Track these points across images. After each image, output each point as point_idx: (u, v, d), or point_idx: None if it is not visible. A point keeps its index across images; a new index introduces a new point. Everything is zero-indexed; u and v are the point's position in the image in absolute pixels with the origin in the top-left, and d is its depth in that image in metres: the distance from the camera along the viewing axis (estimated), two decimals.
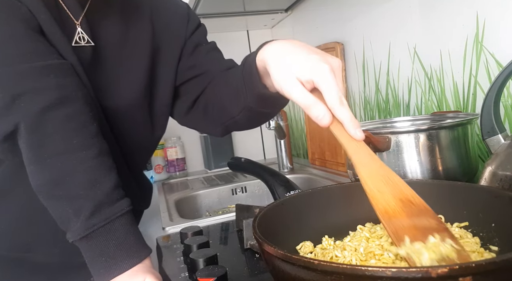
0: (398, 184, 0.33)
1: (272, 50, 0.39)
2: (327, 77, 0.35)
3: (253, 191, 0.99)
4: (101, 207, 0.38)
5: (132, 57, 0.52)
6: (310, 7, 1.04)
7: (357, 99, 0.90)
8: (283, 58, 0.37)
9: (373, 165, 0.34)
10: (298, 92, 0.35)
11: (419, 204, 0.32)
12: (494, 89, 0.44)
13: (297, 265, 0.24)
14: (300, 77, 0.36)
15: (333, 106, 0.35)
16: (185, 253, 0.50)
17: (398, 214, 0.31)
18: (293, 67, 0.36)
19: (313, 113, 0.35)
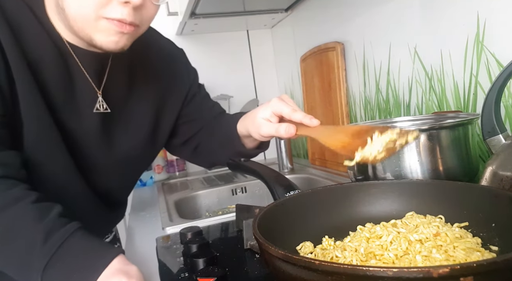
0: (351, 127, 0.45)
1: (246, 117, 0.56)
2: (277, 103, 0.50)
3: (253, 191, 0.99)
4: (51, 233, 0.38)
5: (138, 113, 0.58)
6: (310, 7, 1.04)
7: (357, 99, 0.89)
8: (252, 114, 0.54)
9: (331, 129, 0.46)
10: (266, 127, 0.51)
11: (366, 128, 0.41)
12: (494, 89, 0.44)
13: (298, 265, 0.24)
14: (264, 116, 0.51)
15: (290, 116, 0.48)
16: (185, 253, 0.50)
17: (352, 141, 0.40)
18: (257, 114, 0.52)
19: (281, 132, 0.49)
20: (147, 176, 1.13)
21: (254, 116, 0.53)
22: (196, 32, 1.25)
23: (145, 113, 0.59)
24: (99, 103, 0.52)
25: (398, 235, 0.35)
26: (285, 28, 1.24)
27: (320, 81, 1.00)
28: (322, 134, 0.45)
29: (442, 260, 0.30)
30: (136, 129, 0.58)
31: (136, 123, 0.58)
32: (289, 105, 0.50)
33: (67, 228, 0.39)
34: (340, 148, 0.41)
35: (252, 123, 0.53)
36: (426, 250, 0.32)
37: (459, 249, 0.31)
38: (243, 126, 0.57)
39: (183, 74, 0.65)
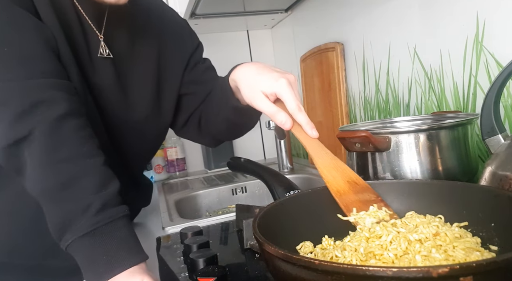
0: (345, 171, 0.43)
1: (241, 72, 0.50)
2: (286, 89, 0.44)
3: (253, 191, 0.99)
4: (107, 206, 0.39)
5: (141, 70, 0.57)
6: (310, 7, 1.04)
7: (357, 99, 0.90)
8: (250, 77, 0.48)
9: (326, 157, 0.44)
10: (263, 104, 0.45)
11: (362, 184, 0.42)
12: (494, 89, 0.44)
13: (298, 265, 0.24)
14: (265, 91, 0.45)
15: (293, 112, 0.44)
16: (185, 253, 0.50)
17: (347, 192, 0.40)
18: (258, 84, 0.46)
19: (277, 119, 0.45)
20: (148, 176, 1.13)
21: (253, 82, 0.47)
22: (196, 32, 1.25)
23: (147, 70, 0.58)
24: (102, 48, 0.52)
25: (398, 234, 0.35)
26: (285, 29, 1.24)
27: (320, 81, 1.00)
28: (316, 152, 0.43)
29: (442, 259, 0.30)
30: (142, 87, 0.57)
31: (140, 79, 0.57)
32: (296, 98, 0.46)
33: (119, 209, 0.40)
34: (334, 191, 0.40)
35: (248, 87, 0.48)
36: (426, 249, 0.32)
37: (458, 249, 0.31)
38: (234, 81, 0.52)
39: (186, 38, 0.64)
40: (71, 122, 0.41)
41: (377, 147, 0.49)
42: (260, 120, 1.39)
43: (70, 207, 0.39)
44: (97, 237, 0.38)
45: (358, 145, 0.50)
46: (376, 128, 0.62)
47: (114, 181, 0.42)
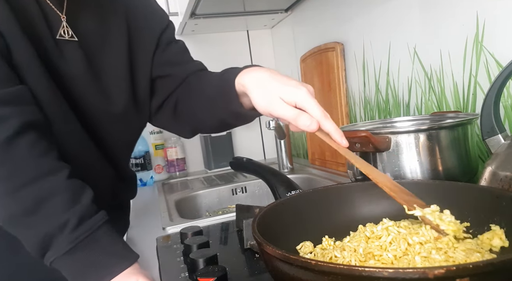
0: (386, 176, 0.42)
1: (253, 77, 0.47)
2: (308, 98, 0.42)
3: (253, 191, 0.99)
4: (83, 220, 0.38)
5: (112, 54, 0.53)
6: (310, 7, 1.04)
7: (357, 99, 0.90)
8: (265, 83, 0.45)
9: (363, 161, 0.42)
10: (284, 109, 0.43)
11: (404, 188, 0.40)
12: (494, 89, 0.44)
13: (295, 265, 0.25)
14: (284, 98, 0.43)
15: (320, 119, 0.42)
16: (185, 253, 0.50)
17: (399, 192, 0.38)
18: (277, 90, 0.44)
19: (302, 122, 0.42)
20: (148, 176, 1.14)
21: (270, 88, 0.44)
22: (196, 32, 1.26)
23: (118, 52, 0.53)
24: (64, 29, 0.47)
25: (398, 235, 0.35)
26: (285, 29, 1.24)
27: (320, 81, 1.00)
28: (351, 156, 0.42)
29: (442, 261, 0.30)
30: (115, 73, 0.53)
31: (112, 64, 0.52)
32: (320, 106, 0.43)
33: (97, 218, 0.39)
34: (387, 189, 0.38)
35: (264, 93, 0.44)
36: (426, 251, 0.32)
37: (459, 250, 0.31)
38: (243, 85, 0.48)
39: (154, 15, 0.59)
40: (23, 140, 0.38)
41: (377, 147, 0.49)
42: (260, 120, 1.39)
43: (44, 229, 0.37)
44: (80, 252, 0.37)
45: (358, 145, 0.50)
46: (376, 128, 0.62)
47: (86, 191, 0.40)
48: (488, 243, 0.34)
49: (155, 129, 1.19)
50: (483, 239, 0.34)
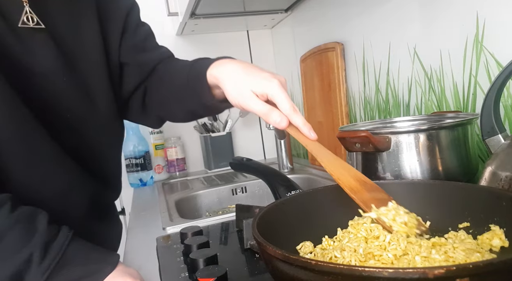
0: (351, 169, 0.41)
1: (225, 69, 0.46)
2: (279, 90, 0.42)
3: (253, 191, 0.99)
4: (48, 246, 0.36)
5: (85, 40, 0.48)
6: (310, 7, 1.04)
7: (357, 99, 0.90)
8: (237, 76, 0.44)
9: (330, 156, 0.42)
10: (255, 104, 0.43)
11: (370, 183, 0.41)
12: (494, 89, 0.44)
13: (295, 265, 0.25)
14: (255, 91, 0.43)
15: (289, 114, 0.42)
16: (185, 253, 0.50)
17: (360, 189, 0.39)
18: (248, 83, 0.43)
19: (271, 119, 0.42)
20: (148, 176, 1.14)
21: (242, 81, 0.43)
22: (196, 32, 1.26)
23: (93, 41, 0.48)
24: (28, 15, 0.40)
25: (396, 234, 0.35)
26: (285, 29, 1.24)
27: (320, 81, 1.00)
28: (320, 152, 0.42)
29: (442, 261, 0.30)
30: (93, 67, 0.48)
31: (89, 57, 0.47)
32: (289, 99, 0.43)
33: (61, 238, 0.37)
34: (348, 188, 0.38)
35: (236, 86, 0.44)
36: (426, 251, 0.32)
37: (459, 250, 0.31)
38: (215, 78, 0.46)
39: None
40: None
41: (377, 147, 0.49)
42: (260, 120, 1.39)
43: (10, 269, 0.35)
44: (57, 276, 0.36)
45: (358, 145, 0.50)
46: (376, 128, 0.62)
47: (39, 217, 0.37)
48: (488, 243, 0.34)
49: (155, 129, 1.19)
50: (483, 239, 0.34)
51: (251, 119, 1.33)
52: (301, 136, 0.43)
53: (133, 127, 1.13)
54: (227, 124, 1.25)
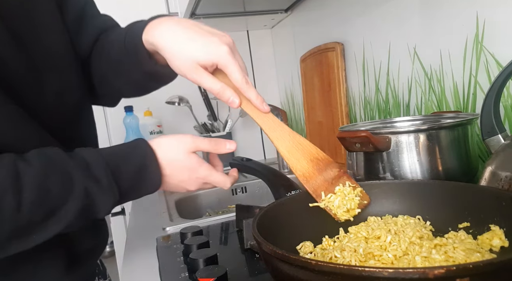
0: (306, 146, 0.40)
1: (164, 35, 0.40)
2: (229, 60, 0.38)
3: (253, 191, 0.99)
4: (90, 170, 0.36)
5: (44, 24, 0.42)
6: (310, 7, 1.04)
7: (357, 99, 0.90)
8: (179, 43, 0.38)
9: (285, 135, 0.40)
10: (205, 80, 0.39)
11: (324, 158, 0.40)
12: (494, 89, 0.44)
13: (295, 265, 0.25)
14: (204, 63, 0.39)
15: (241, 87, 0.39)
16: (185, 253, 0.50)
17: (313, 174, 0.38)
18: (193, 53, 0.38)
19: (224, 97, 0.40)
20: None
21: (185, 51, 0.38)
22: None
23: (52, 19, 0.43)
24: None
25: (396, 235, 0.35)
26: (285, 29, 1.24)
27: (320, 81, 1.00)
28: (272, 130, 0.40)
29: (442, 261, 0.30)
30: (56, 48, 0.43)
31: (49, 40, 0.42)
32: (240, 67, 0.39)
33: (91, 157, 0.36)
34: (302, 177, 0.38)
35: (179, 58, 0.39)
36: (426, 251, 0.32)
37: (459, 250, 0.31)
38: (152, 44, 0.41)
39: None
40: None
41: (377, 147, 0.49)
42: None
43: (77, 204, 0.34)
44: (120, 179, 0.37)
45: (358, 145, 0.50)
46: (376, 128, 0.62)
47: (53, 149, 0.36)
48: (488, 243, 0.34)
49: (155, 129, 1.19)
50: (483, 239, 0.34)
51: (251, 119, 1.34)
52: (255, 111, 0.41)
53: (133, 127, 1.13)
54: (227, 124, 1.25)
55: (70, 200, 0.34)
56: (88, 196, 0.35)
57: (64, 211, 0.34)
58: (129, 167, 0.38)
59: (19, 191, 0.32)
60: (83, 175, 0.35)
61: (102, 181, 0.36)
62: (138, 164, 0.39)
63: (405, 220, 0.39)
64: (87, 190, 0.35)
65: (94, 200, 0.36)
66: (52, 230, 0.35)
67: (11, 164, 0.33)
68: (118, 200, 0.38)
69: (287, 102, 1.32)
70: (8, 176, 0.32)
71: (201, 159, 0.43)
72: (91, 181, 0.36)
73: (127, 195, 0.39)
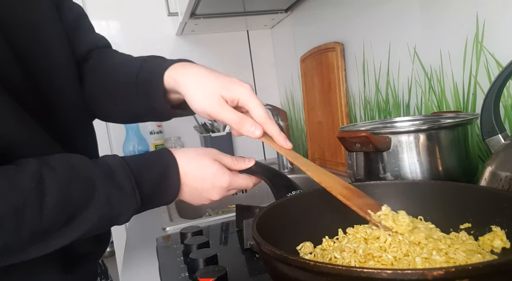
0: (335, 178, 0.40)
1: (190, 72, 0.41)
2: (251, 96, 0.40)
3: (253, 191, 0.99)
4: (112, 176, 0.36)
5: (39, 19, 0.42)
6: (310, 7, 1.04)
7: (357, 99, 0.89)
8: (205, 80, 0.40)
9: (312, 165, 0.41)
10: (228, 111, 0.40)
11: (357, 190, 0.39)
12: (494, 89, 0.44)
13: (293, 265, 0.25)
14: (225, 96, 0.40)
15: (263, 122, 0.40)
16: (185, 253, 0.50)
17: (351, 197, 0.37)
18: (217, 88, 0.40)
19: (245, 128, 0.40)
20: None
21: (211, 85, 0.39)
22: (196, 33, 1.26)
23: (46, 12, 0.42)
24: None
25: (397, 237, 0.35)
26: (285, 29, 1.24)
27: (320, 81, 1.00)
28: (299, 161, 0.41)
29: (442, 262, 0.30)
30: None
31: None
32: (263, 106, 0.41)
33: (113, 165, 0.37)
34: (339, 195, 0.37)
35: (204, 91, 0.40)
36: (427, 252, 0.32)
37: (459, 251, 0.31)
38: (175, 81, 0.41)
39: None
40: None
41: (377, 147, 0.49)
42: None
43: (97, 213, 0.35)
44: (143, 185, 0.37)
45: (358, 145, 0.50)
46: (376, 128, 0.62)
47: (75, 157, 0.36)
48: (489, 244, 0.34)
49: (155, 129, 1.19)
50: (484, 240, 0.34)
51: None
52: (276, 145, 0.42)
53: (133, 127, 1.13)
54: (227, 124, 1.24)
55: (91, 206, 0.35)
56: (109, 203, 0.36)
57: (84, 217, 0.35)
58: (152, 175, 0.39)
59: (42, 195, 0.32)
60: (107, 182, 0.36)
61: (125, 188, 0.37)
62: (159, 173, 0.39)
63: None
64: (109, 197, 0.36)
65: (116, 207, 0.36)
66: (72, 235, 0.35)
67: (35, 169, 0.33)
68: (140, 207, 0.38)
69: (287, 102, 1.32)
70: (32, 180, 0.32)
71: (224, 167, 0.43)
72: (114, 188, 0.36)
73: (148, 203, 0.39)
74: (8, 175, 0.32)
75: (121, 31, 1.19)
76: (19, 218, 0.31)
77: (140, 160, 0.40)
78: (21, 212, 0.31)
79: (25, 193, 0.32)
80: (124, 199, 0.37)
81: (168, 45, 1.22)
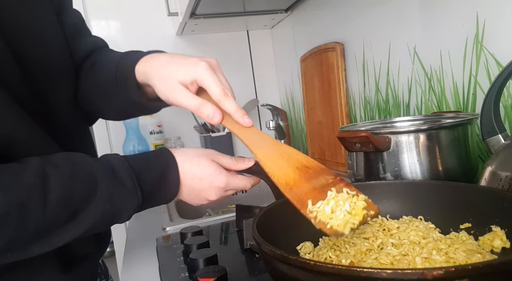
0: (293, 155, 0.36)
1: (153, 64, 0.41)
2: (207, 73, 0.38)
3: (253, 191, 0.99)
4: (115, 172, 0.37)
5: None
6: (310, 7, 1.04)
7: (357, 99, 0.89)
8: (163, 68, 0.40)
9: (267, 144, 0.37)
10: (184, 97, 0.38)
11: (315, 166, 0.35)
12: (494, 89, 0.44)
13: (294, 265, 0.25)
14: (183, 80, 0.39)
15: (219, 100, 0.38)
16: (185, 253, 0.50)
17: (298, 181, 0.34)
18: (174, 74, 0.39)
19: (203, 114, 0.38)
20: None
21: (167, 73, 0.39)
22: (196, 33, 1.26)
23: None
24: None
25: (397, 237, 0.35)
26: (285, 29, 1.24)
27: (320, 81, 1.00)
28: (254, 142, 0.37)
29: (442, 262, 0.30)
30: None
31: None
32: (221, 81, 0.38)
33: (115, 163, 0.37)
34: (283, 185, 0.33)
35: (162, 80, 0.40)
36: (426, 252, 0.32)
37: (459, 251, 0.31)
38: (143, 74, 0.42)
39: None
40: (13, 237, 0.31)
41: (377, 147, 0.49)
42: (260, 120, 1.39)
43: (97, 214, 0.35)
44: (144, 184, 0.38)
45: (358, 145, 0.50)
46: (376, 128, 0.62)
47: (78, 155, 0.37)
48: (489, 244, 0.34)
49: (155, 129, 1.19)
50: (484, 240, 0.34)
51: (251, 119, 1.34)
52: (235, 126, 0.39)
53: (133, 127, 1.13)
54: None
55: (94, 203, 0.35)
56: (111, 200, 0.36)
57: (87, 213, 0.35)
58: (152, 173, 0.39)
59: (46, 191, 0.33)
60: (108, 179, 0.36)
61: (127, 185, 0.37)
62: (159, 171, 0.40)
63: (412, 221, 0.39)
64: (111, 193, 0.36)
65: (118, 204, 0.37)
66: (74, 232, 0.35)
67: (38, 166, 0.34)
68: (141, 204, 0.39)
69: (287, 102, 1.32)
70: (36, 176, 0.33)
71: (221, 167, 0.43)
72: (116, 185, 0.36)
73: (148, 201, 0.40)
74: (12, 171, 0.33)
75: (121, 31, 1.19)
76: (23, 214, 0.31)
77: (140, 158, 0.40)
78: (26, 208, 0.31)
79: (29, 188, 0.32)
80: (125, 196, 0.37)
81: (168, 45, 1.22)
